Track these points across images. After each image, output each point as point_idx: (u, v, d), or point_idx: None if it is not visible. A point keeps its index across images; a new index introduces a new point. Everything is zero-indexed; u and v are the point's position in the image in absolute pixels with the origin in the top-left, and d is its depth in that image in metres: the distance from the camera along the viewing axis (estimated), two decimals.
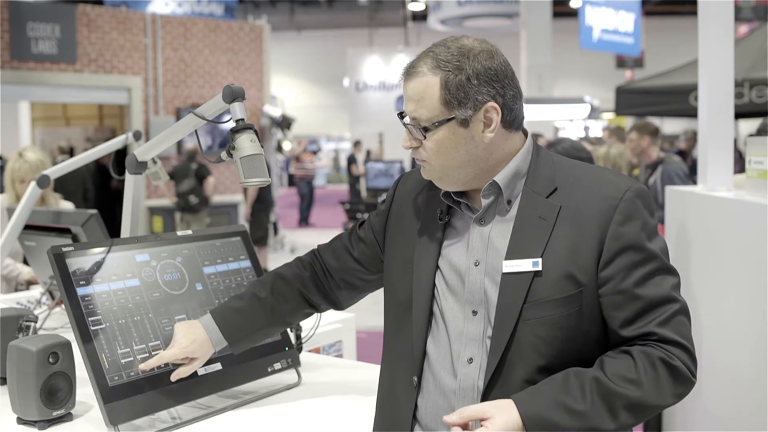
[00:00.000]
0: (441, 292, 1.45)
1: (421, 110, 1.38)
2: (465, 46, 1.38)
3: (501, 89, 1.38)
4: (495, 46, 1.41)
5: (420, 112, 1.38)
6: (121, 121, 11.87)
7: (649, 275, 1.34)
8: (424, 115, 1.38)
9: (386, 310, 1.58)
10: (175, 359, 1.69)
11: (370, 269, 1.69)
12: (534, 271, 1.34)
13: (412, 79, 1.39)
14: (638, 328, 1.33)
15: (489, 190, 1.42)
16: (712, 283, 2.63)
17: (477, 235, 1.43)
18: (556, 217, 1.37)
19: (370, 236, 1.67)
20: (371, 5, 22.55)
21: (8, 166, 3.83)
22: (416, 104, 1.39)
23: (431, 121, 1.38)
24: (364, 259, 1.69)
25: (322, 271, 1.75)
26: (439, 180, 1.45)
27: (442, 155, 1.40)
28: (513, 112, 1.41)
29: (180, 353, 1.68)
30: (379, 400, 1.57)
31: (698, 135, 3.06)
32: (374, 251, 1.66)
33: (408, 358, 1.46)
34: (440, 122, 1.37)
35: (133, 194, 2.08)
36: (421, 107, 1.38)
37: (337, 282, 1.73)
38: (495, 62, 1.38)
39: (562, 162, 1.46)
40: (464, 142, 1.39)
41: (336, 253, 1.73)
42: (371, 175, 11.23)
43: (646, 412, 1.30)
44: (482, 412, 1.26)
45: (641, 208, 1.36)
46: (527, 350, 1.33)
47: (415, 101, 1.39)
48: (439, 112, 1.37)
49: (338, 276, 1.72)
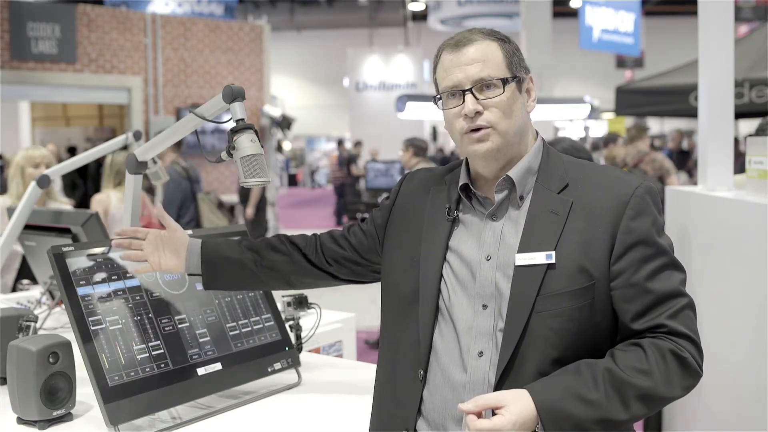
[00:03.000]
0: (449, 286, 1.45)
1: (487, 70, 1.42)
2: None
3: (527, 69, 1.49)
4: None
5: (487, 71, 1.42)
6: (121, 121, 11.88)
7: (659, 269, 1.36)
8: (493, 73, 1.42)
9: (385, 306, 1.58)
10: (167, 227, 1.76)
11: (364, 259, 1.70)
12: (547, 264, 1.36)
13: (470, 45, 1.44)
14: (649, 320, 1.35)
15: (503, 185, 1.45)
16: (712, 283, 2.63)
17: (489, 230, 1.45)
18: (568, 212, 1.39)
19: (371, 229, 1.68)
20: (371, 5, 22.54)
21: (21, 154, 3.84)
22: (482, 65, 1.42)
23: (503, 77, 1.43)
24: (361, 248, 1.70)
25: (314, 248, 1.74)
26: (497, 151, 1.43)
27: (508, 116, 1.43)
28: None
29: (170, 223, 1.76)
30: (377, 396, 1.57)
31: (698, 135, 3.06)
32: (372, 244, 1.68)
33: (413, 351, 1.47)
34: (511, 78, 1.43)
35: (133, 194, 2.08)
36: (488, 67, 1.42)
37: (327, 260, 1.73)
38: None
39: (572, 161, 1.49)
40: (521, 107, 1.46)
41: (333, 237, 1.75)
42: (371, 175, 11.22)
43: (656, 403, 1.32)
44: (497, 401, 1.27)
45: (651, 205, 1.39)
46: (540, 342, 1.34)
47: (481, 62, 1.42)
48: (506, 71, 1.43)
49: (329, 254, 1.72)
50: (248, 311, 2.02)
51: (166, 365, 1.76)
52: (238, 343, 1.94)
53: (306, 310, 2.17)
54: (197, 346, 1.85)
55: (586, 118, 15.25)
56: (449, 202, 1.51)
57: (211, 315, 1.93)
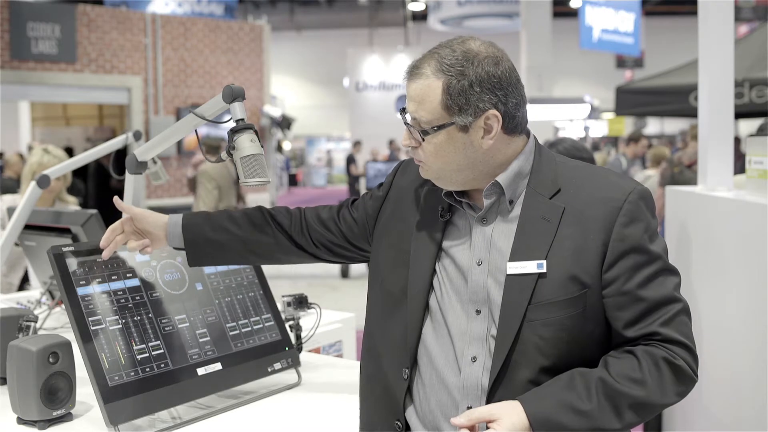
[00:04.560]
0: (443, 289, 1.44)
1: (421, 112, 1.38)
2: (471, 50, 1.36)
3: (503, 97, 1.36)
4: (502, 51, 1.39)
5: (420, 113, 1.38)
6: (121, 121, 11.88)
7: (652, 276, 1.35)
8: (424, 117, 1.37)
9: (370, 298, 1.56)
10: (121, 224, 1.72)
11: (354, 246, 1.67)
12: (538, 273, 1.34)
13: (415, 79, 1.39)
14: (642, 328, 1.33)
15: (491, 191, 1.42)
16: (712, 283, 2.62)
17: (479, 234, 1.43)
18: (560, 219, 1.37)
19: (362, 217, 1.65)
20: (371, 5, 22.54)
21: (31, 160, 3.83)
22: (417, 105, 1.38)
23: (431, 124, 1.37)
24: (351, 235, 1.67)
25: (300, 229, 1.71)
26: (437, 180, 1.45)
27: (439, 158, 1.40)
28: (515, 119, 1.40)
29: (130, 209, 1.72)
30: (362, 395, 1.56)
31: (698, 135, 3.06)
32: (362, 232, 1.65)
33: (398, 350, 1.46)
34: (439, 126, 1.37)
35: (133, 194, 2.08)
36: (422, 109, 1.37)
37: (314, 243, 1.70)
38: (500, 69, 1.36)
39: (565, 162, 1.46)
40: (463, 147, 1.38)
41: (321, 220, 1.70)
42: (371, 175, 11.21)
43: (650, 411, 1.32)
44: (490, 414, 1.27)
45: (644, 210, 1.37)
46: (531, 351, 1.34)
47: (417, 102, 1.38)
48: (440, 116, 1.36)
49: (317, 238, 1.69)
50: (248, 311, 2.02)
51: (166, 365, 1.76)
52: (238, 343, 1.94)
53: (306, 310, 2.17)
54: (197, 346, 1.85)
55: (586, 118, 15.26)
56: (442, 203, 1.49)
57: (211, 315, 1.93)
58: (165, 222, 1.74)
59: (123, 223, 1.74)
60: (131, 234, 1.74)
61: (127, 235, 1.74)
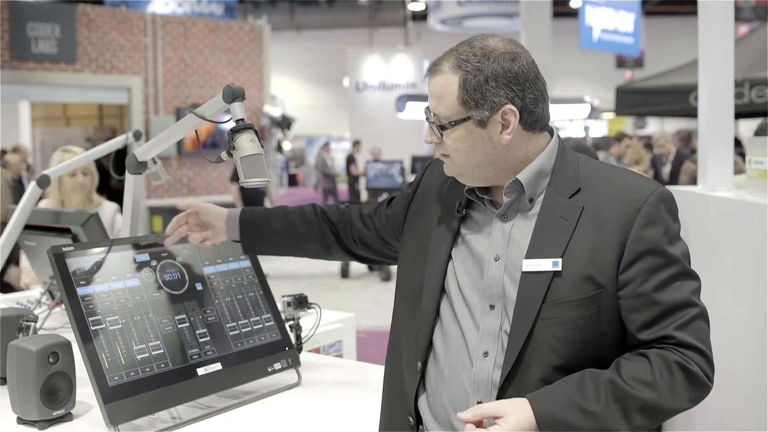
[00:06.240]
0: (459, 282, 1.45)
1: (440, 108, 1.41)
2: (488, 46, 1.38)
3: (520, 92, 1.37)
4: (522, 48, 1.41)
5: (439, 109, 1.41)
6: (121, 121, 11.87)
7: (668, 280, 1.34)
8: (443, 112, 1.40)
9: (397, 295, 1.59)
10: (190, 208, 1.90)
11: (386, 243, 1.75)
12: (554, 271, 1.34)
13: (435, 76, 1.42)
14: (656, 331, 1.33)
15: (511, 188, 1.43)
16: (712, 283, 2.63)
17: (499, 230, 1.44)
18: (578, 218, 1.37)
19: (394, 214, 1.71)
20: (371, 5, 22.54)
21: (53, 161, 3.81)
22: (437, 101, 1.41)
23: (449, 119, 1.40)
24: (384, 232, 1.74)
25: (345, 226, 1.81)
26: (460, 176, 1.46)
27: (460, 153, 1.42)
28: (534, 115, 1.40)
29: (195, 204, 1.90)
30: (384, 391, 1.58)
31: (698, 135, 3.06)
32: (393, 230, 1.71)
33: (413, 343, 1.48)
34: (457, 121, 1.39)
35: (133, 194, 2.08)
36: (441, 105, 1.40)
37: (354, 239, 1.79)
38: (516, 65, 1.38)
39: (587, 163, 1.46)
40: (482, 143, 1.40)
41: (362, 216, 1.79)
42: (371, 175, 11.21)
43: (660, 415, 1.31)
44: (496, 410, 1.27)
45: (664, 213, 1.37)
46: (543, 349, 1.34)
47: (436, 98, 1.41)
48: (457, 111, 1.39)
49: (356, 234, 1.78)
50: (248, 311, 2.02)
51: (166, 365, 1.76)
52: (238, 343, 1.94)
53: (306, 310, 2.17)
54: (197, 346, 1.85)
55: (586, 118, 15.25)
56: (461, 198, 1.51)
57: (211, 315, 1.93)
58: (226, 216, 1.87)
59: (188, 216, 1.90)
60: (194, 227, 1.91)
61: (191, 227, 1.90)
